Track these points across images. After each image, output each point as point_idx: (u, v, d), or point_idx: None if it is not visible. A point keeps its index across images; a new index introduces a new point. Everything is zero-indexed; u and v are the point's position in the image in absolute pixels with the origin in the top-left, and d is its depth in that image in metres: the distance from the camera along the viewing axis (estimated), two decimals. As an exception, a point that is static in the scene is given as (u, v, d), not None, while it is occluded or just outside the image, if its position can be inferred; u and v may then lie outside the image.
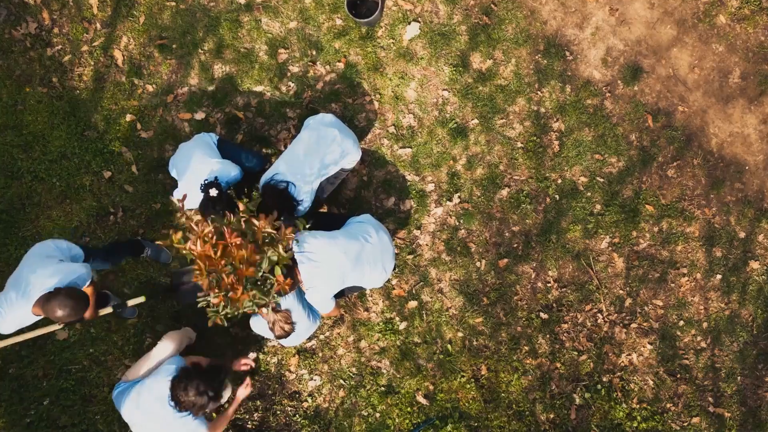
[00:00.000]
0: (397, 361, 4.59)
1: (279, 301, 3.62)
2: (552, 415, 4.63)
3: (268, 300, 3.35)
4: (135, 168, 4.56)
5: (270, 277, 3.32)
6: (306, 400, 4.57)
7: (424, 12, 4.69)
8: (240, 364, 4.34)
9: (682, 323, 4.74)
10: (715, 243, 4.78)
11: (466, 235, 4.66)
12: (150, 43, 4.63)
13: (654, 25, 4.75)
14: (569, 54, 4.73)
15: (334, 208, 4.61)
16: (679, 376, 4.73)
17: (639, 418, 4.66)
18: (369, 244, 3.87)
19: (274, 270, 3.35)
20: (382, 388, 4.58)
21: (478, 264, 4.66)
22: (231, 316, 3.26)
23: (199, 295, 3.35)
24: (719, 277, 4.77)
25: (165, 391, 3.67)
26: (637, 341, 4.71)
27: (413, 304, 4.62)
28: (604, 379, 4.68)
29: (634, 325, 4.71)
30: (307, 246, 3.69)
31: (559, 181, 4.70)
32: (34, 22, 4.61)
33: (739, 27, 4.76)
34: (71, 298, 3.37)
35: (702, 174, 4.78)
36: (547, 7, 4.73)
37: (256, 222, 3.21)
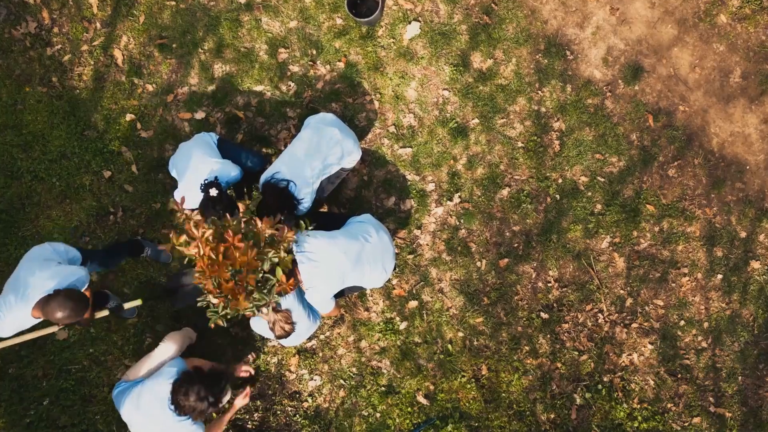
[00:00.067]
0: (397, 361, 4.58)
1: (279, 301, 3.61)
2: (553, 415, 4.62)
3: (269, 301, 3.35)
4: (135, 167, 4.55)
5: (271, 277, 3.31)
6: (306, 400, 4.56)
7: (424, 11, 4.68)
8: (240, 371, 4.32)
9: (683, 323, 4.74)
10: (716, 243, 4.77)
11: (467, 234, 4.65)
12: (150, 43, 4.62)
13: (655, 24, 4.75)
14: (570, 53, 4.72)
15: (335, 208, 4.60)
16: (680, 376, 4.73)
17: (640, 418, 4.65)
18: (369, 243, 3.86)
19: (274, 270, 3.34)
20: (383, 388, 4.57)
21: (478, 264, 4.65)
22: (231, 317, 3.25)
23: (199, 296, 3.35)
24: (720, 276, 4.77)
25: (165, 394, 3.66)
26: (638, 341, 4.70)
27: (414, 303, 4.61)
28: (605, 379, 4.67)
29: (634, 324, 4.70)
30: (307, 246, 3.68)
31: (560, 180, 4.69)
32: (34, 22, 4.60)
33: (740, 26, 4.75)
34: (71, 299, 3.36)
35: (703, 174, 4.77)
36: (547, 7, 4.73)
37: (259, 223, 3.20)
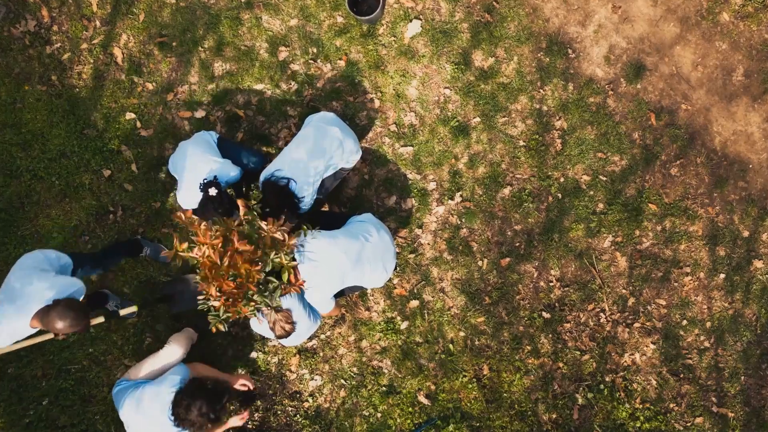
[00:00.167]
0: (398, 361, 4.57)
1: (280, 302, 3.60)
2: (554, 415, 4.60)
3: (271, 303, 3.34)
4: (135, 166, 4.53)
5: (272, 280, 3.30)
6: (307, 400, 4.55)
7: (425, 9, 4.66)
8: (240, 384, 4.13)
9: (685, 323, 4.72)
10: (719, 242, 4.75)
11: (468, 234, 4.63)
12: (150, 41, 4.61)
13: (657, 22, 4.73)
14: (572, 52, 4.70)
15: (335, 207, 4.58)
16: (682, 375, 4.71)
17: (642, 418, 4.63)
18: (369, 243, 3.84)
19: (275, 272, 3.33)
20: (384, 388, 4.55)
21: (480, 263, 4.63)
22: (232, 320, 3.24)
23: (200, 298, 3.33)
24: (723, 276, 4.75)
25: (167, 403, 3.63)
26: (640, 341, 4.68)
27: (415, 303, 4.59)
28: (607, 378, 4.65)
29: (637, 324, 4.68)
30: (307, 246, 3.66)
31: (562, 179, 4.67)
32: (33, 20, 4.58)
33: (742, 24, 4.73)
34: (71, 309, 3.34)
35: (705, 172, 4.75)
36: (549, 5, 4.71)
37: (264, 225, 3.18)
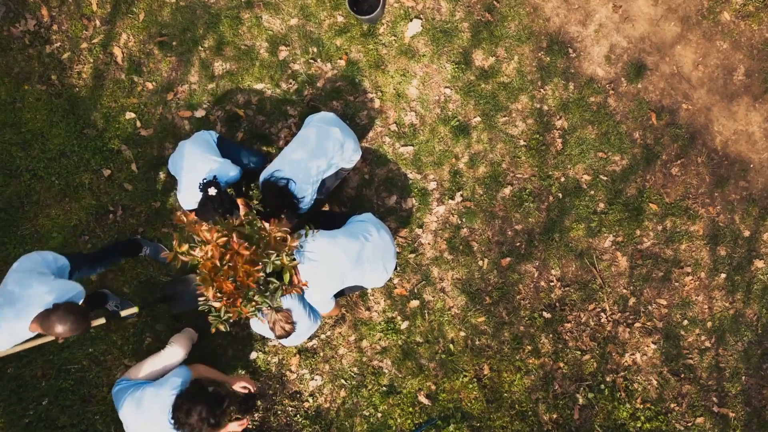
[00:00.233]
0: (398, 361, 4.56)
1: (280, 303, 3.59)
2: (555, 415, 4.60)
3: (271, 303, 3.33)
4: (135, 166, 4.53)
5: (272, 281, 3.29)
6: (307, 400, 4.54)
7: (426, 9, 4.65)
8: (240, 386, 4.10)
9: (686, 322, 4.71)
10: (720, 242, 4.74)
11: (469, 233, 4.63)
12: (150, 41, 4.60)
13: (658, 22, 4.72)
14: (572, 51, 4.69)
15: (336, 207, 4.57)
16: (683, 375, 4.70)
17: (643, 418, 4.63)
18: (370, 243, 3.83)
19: (275, 273, 3.31)
20: (384, 388, 4.55)
21: (480, 263, 4.62)
22: (233, 321, 3.23)
23: (201, 299, 3.32)
24: (724, 276, 4.74)
25: (167, 405, 3.62)
26: (641, 341, 4.68)
27: (415, 303, 4.58)
28: (608, 378, 4.64)
29: (637, 324, 4.68)
30: (307, 246, 3.66)
31: (562, 179, 4.66)
32: (33, 19, 4.58)
33: (743, 24, 4.72)
34: (71, 313, 3.32)
35: (706, 172, 4.74)
36: (550, 4, 4.70)
37: (267, 226, 3.16)
